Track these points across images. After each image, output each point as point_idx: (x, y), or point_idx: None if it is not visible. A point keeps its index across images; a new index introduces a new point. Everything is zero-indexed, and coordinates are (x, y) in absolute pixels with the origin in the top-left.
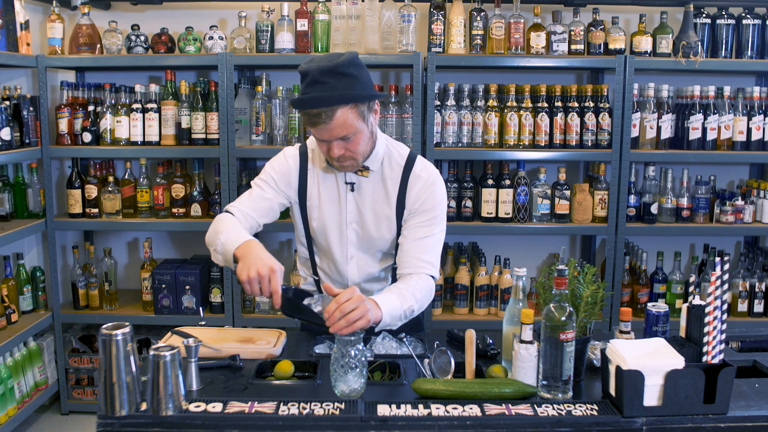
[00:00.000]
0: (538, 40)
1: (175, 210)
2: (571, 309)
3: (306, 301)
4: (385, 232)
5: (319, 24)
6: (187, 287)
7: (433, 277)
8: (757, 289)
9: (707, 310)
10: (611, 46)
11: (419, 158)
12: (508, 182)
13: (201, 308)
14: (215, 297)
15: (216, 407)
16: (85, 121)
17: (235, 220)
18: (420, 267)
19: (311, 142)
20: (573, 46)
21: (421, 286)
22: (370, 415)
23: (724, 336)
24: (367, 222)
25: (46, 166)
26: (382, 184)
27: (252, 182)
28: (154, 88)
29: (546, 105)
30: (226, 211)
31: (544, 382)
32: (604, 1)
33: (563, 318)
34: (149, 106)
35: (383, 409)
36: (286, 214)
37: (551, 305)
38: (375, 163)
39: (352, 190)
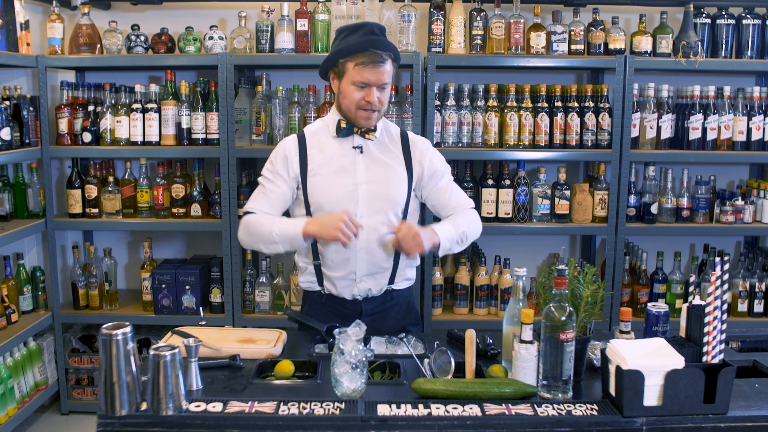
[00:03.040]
0: (538, 40)
1: (175, 210)
2: (571, 309)
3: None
4: (397, 185)
5: (319, 24)
6: (187, 287)
7: (474, 208)
8: (757, 289)
9: (707, 310)
10: (611, 46)
11: (410, 132)
12: (508, 182)
13: (201, 308)
14: (215, 297)
15: (216, 407)
16: (85, 121)
17: (266, 216)
18: (460, 205)
19: (316, 123)
20: (573, 46)
21: (467, 216)
22: (370, 415)
23: (724, 336)
24: (379, 177)
25: (46, 166)
26: (385, 147)
27: (259, 179)
28: (154, 88)
29: (546, 105)
30: (247, 212)
31: (544, 382)
32: (604, 1)
33: (563, 318)
34: (149, 106)
35: (383, 409)
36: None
37: (551, 305)
38: (378, 129)
39: (361, 152)
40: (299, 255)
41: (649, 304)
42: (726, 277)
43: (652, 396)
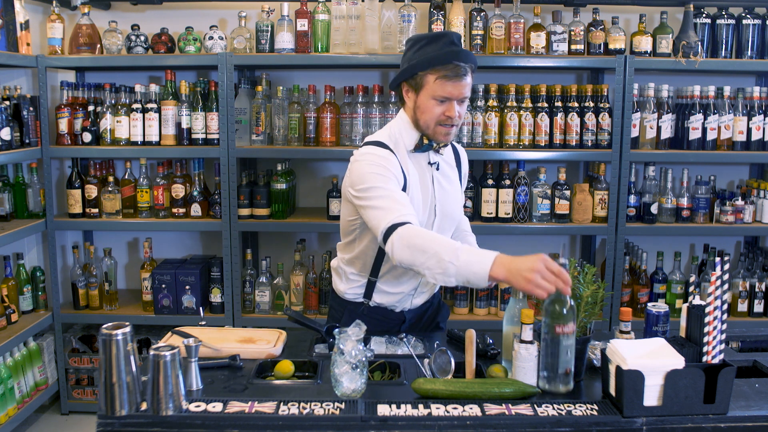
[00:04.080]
0: (538, 40)
1: (175, 210)
2: (572, 303)
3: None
4: (458, 201)
5: (319, 24)
6: (187, 287)
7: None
8: (757, 289)
9: (707, 310)
10: (611, 46)
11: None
12: (508, 182)
13: (201, 308)
14: (215, 297)
15: (216, 407)
16: (85, 121)
17: (435, 235)
18: (463, 213)
19: (387, 135)
20: (573, 46)
21: (467, 221)
22: (370, 415)
23: (724, 336)
24: (447, 195)
25: (46, 166)
26: (446, 162)
27: (372, 193)
28: (154, 88)
29: (546, 105)
30: (402, 223)
31: (544, 374)
32: (604, 1)
33: (563, 311)
34: (149, 106)
35: (383, 409)
36: (284, 213)
37: (552, 298)
38: None
39: (437, 169)
40: (352, 267)
41: (649, 304)
42: (726, 277)
43: (652, 396)
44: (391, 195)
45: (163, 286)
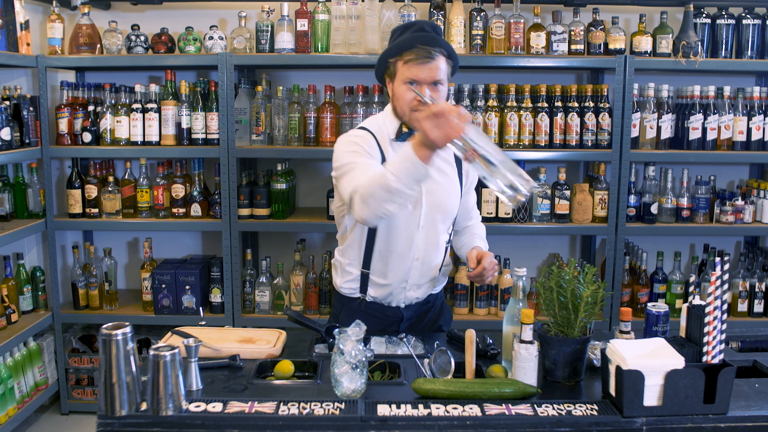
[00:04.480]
0: (538, 40)
1: (175, 210)
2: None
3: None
4: (454, 196)
5: (319, 24)
6: (187, 287)
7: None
8: (757, 289)
9: (707, 310)
10: (611, 46)
11: None
12: None
13: (201, 308)
14: (215, 297)
15: (216, 407)
16: (85, 121)
17: (369, 176)
18: (475, 211)
19: (370, 122)
20: (573, 46)
21: (482, 227)
22: (370, 415)
23: (724, 336)
24: (439, 188)
25: (46, 166)
26: (438, 154)
27: (345, 161)
28: (154, 88)
29: (546, 105)
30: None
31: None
32: (604, 1)
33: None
34: (149, 106)
35: (383, 409)
36: (284, 213)
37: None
38: None
39: None
40: (346, 258)
41: (649, 304)
42: (726, 277)
43: (652, 396)
44: (358, 166)
45: (163, 286)
